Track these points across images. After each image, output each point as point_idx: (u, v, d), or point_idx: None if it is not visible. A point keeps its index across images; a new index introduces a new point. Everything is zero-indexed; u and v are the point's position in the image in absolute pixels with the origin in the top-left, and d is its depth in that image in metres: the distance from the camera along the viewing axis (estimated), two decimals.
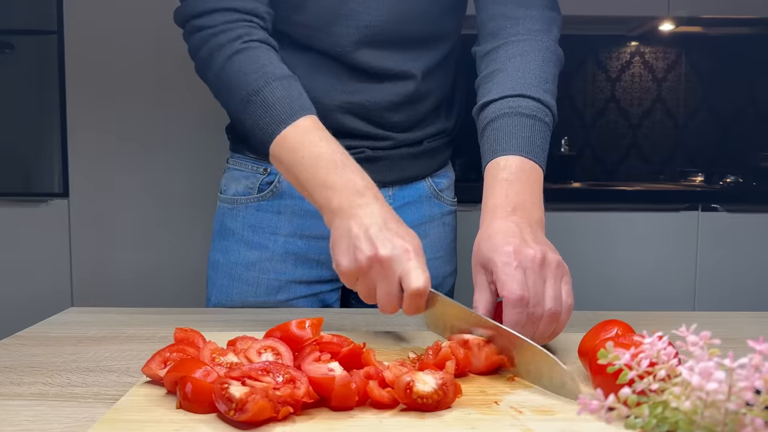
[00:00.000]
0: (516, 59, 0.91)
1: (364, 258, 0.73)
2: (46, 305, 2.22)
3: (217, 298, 1.07)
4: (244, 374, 0.59)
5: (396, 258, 0.72)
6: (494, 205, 0.80)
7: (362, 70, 0.99)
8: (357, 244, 0.74)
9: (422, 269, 0.72)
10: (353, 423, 0.57)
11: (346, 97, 1.00)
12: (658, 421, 0.39)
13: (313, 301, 1.07)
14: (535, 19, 0.94)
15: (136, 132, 2.32)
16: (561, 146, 2.82)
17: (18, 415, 0.60)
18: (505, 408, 0.61)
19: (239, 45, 0.88)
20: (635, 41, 2.85)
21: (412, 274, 0.71)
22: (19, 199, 2.33)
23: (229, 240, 1.07)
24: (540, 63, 0.91)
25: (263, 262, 1.04)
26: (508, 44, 0.93)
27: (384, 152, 1.05)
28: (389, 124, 1.04)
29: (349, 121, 1.01)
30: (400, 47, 1.00)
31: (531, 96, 0.88)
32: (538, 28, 0.94)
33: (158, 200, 2.34)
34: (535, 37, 0.93)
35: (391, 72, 1.00)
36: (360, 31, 0.96)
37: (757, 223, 2.32)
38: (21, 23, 2.32)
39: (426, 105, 1.06)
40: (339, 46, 0.97)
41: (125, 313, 0.97)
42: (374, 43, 0.98)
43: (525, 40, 0.93)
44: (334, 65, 0.99)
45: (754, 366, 0.38)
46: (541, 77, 0.90)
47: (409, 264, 0.72)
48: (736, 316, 0.98)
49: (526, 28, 0.93)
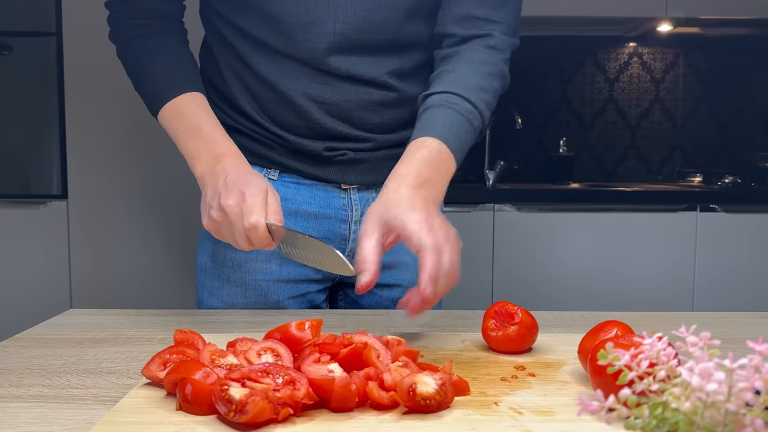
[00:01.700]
0: (465, 65, 0.98)
1: (214, 212, 0.84)
2: (45, 307, 2.22)
3: (209, 300, 1.07)
4: (243, 376, 0.59)
5: (237, 202, 0.82)
6: (405, 173, 0.85)
7: (334, 75, 1.00)
8: (210, 203, 0.85)
9: (259, 205, 0.81)
10: (353, 424, 0.57)
11: (321, 97, 1.01)
12: (658, 421, 0.39)
13: (302, 302, 1.07)
14: (493, 38, 1.00)
15: (135, 134, 2.31)
16: (559, 147, 2.83)
17: (17, 417, 0.60)
18: (505, 409, 0.61)
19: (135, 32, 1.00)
20: (633, 42, 2.85)
21: (245, 211, 0.81)
22: (18, 201, 2.33)
23: (215, 241, 1.07)
24: (486, 74, 0.97)
25: (249, 262, 1.05)
26: (463, 52, 1.00)
27: (366, 154, 1.05)
28: (369, 126, 1.04)
29: (328, 121, 1.02)
30: (368, 53, 1.01)
31: (467, 98, 0.94)
32: (493, 45, 1.00)
33: (156, 202, 2.34)
34: (488, 51, 0.99)
35: (363, 78, 1.01)
36: (327, 38, 0.98)
37: (755, 224, 2.32)
38: (19, 25, 2.32)
39: (408, 108, 1.06)
40: (308, 52, 0.99)
41: (124, 315, 0.96)
42: (343, 49, 0.99)
43: (479, 51, 0.99)
44: (307, 69, 1.00)
45: (754, 366, 0.38)
46: (482, 86, 0.96)
47: (246, 203, 0.81)
48: (735, 317, 0.98)
49: (484, 42, 1.00)
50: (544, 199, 2.30)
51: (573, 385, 0.68)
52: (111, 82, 2.28)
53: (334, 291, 1.14)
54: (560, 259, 2.29)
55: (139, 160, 2.33)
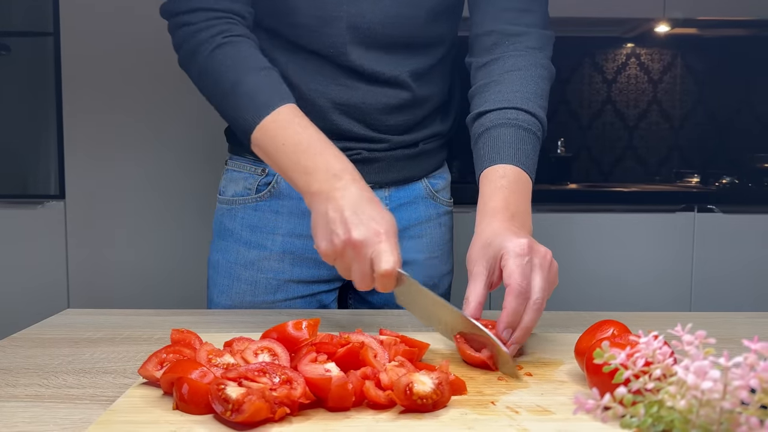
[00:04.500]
0: (513, 73, 0.95)
1: (339, 241, 0.77)
2: (42, 307, 2.21)
3: (219, 298, 1.08)
4: (240, 375, 0.59)
5: (367, 241, 0.76)
6: (494, 208, 0.84)
7: (355, 72, 1.00)
8: (333, 228, 0.78)
9: (392, 251, 0.76)
10: (350, 423, 0.57)
11: (340, 98, 1.01)
12: (654, 420, 0.39)
13: (311, 302, 1.07)
14: (531, 36, 0.98)
15: (133, 134, 2.31)
16: (557, 147, 2.83)
17: (13, 416, 0.60)
18: (502, 408, 0.61)
19: (221, 39, 0.91)
20: (631, 43, 2.86)
21: (382, 256, 0.75)
22: (16, 201, 2.32)
23: (228, 240, 1.07)
24: (535, 79, 0.95)
25: (261, 261, 1.05)
26: (505, 58, 0.97)
27: (380, 154, 1.06)
28: (385, 127, 1.04)
29: (345, 123, 1.02)
30: (391, 50, 1.01)
31: (527, 110, 0.92)
32: (533, 46, 0.98)
33: (154, 202, 2.34)
34: (531, 53, 0.97)
35: (383, 76, 1.01)
36: (351, 32, 0.98)
37: (752, 224, 2.32)
38: (17, 25, 2.31)
39: (423, 109, 1.07)
40: (332, 47, 0.98)
41: (121, 315, 0.96)
42: (366, 45, 0.99)
43: (521, 55, 0.97)
44: (327, 66, 1.00)
45: (749, 365, 0.38)
46: (536, 93, 0.94)
47: (380, 246, 0.76)
48: (731, 317, 0.98)
49: (523, 44, 0.98)
50: (541, 199, 2.30)
51: (570, 384, 0.68)
52: (109, 82, 2.28)
53: (344, 291, 1.14)
54: (558, 259, 2.29)
55: (137, 160, 2.32)
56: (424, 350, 0.72)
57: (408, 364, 0.65)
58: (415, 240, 1.10)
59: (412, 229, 1.10)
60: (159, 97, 2.29)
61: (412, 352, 0.69)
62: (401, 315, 0.98)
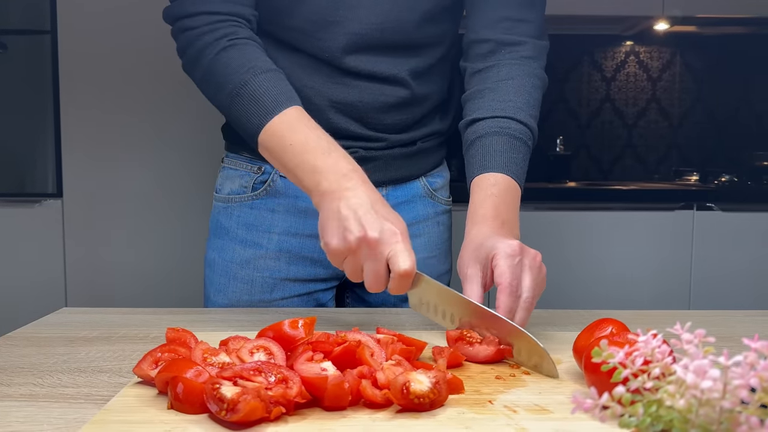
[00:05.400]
0: (507, 82, 0.97)
1: (354, 238, 0.76)
2: (40, 306, 2.21)
3: (215, 297, 1.07)
4: (235, 374, 0.58)
5: (384, 240, 0.75)
6: (484, 216, 0.87)
7: (352, 73, 1.00)
8: (346, 225, 0.76)
9: (409, 251, 0.76)
10: (346, 423, 0.57)
11: (337, 97, 1.00)
12: (653, 419, 0.39)
13: (308, 300, 1.07)
14: (527, 46, 1.00)
15: (130, 132, 2.31)
16: (556, 146, 2.83)
17: (7, 416, 0.59)
18: (499, 407, 0.60)
19: (225, 42, 0.91)
20: (630, 41, 2.85)
21: (399, 256, 0.74)
22: (13, 200, 2.32)
23: (224, 238, 1.07)
24: (528, 89, 0.97)
25: (258, 259, 1.05)
26: (500, 66, 0.99)
27: (377, 152, 1.05)
28: (382, 126, 1.04)
29: (342, 122, 1.01)
30: (389, 52, 1.01)
31: (519, 119, 0.94)
32: (528, 55, 0.99)
33: (152, 201, 2.33)
34: (525, 63, 0.99)
35: (381, 75, 1.01)
36: (348, 37, 0.98)
37: (751, 222, 2.32)
38: (14, 23, 2.31)
39: (422, 108, 1.06)
40: (328, 51, 0.98)
41: (117, 314, 0.96)
42: (363, 49, 0.99)
43: (516, 64, 0.98)
44: (324, 67, 1.00)
45: (749, 364, 0.38)
46: (528, 102, 0.96)
47: (397, 246, 0.75)
48: (731, 315, 0.98)
49: (518, 54, 0.99)
50: (541, 197, 2.30)
51: (568, 383, 0.67)
52: (106, 80, 2.28)
53: (341, 290, 1.14)
54: (557, 258, 2.29)
55: (134, 158, 2.32)
56: (422, 349, 0.72)
57: (405, 363, 0.64)
58: (413, 239, 1.08)
59: (409, 228, 1.09)
60: (157, 96, 2.29)
61: (409, 351, 0.69)
62: (399, 314, 0.98)
